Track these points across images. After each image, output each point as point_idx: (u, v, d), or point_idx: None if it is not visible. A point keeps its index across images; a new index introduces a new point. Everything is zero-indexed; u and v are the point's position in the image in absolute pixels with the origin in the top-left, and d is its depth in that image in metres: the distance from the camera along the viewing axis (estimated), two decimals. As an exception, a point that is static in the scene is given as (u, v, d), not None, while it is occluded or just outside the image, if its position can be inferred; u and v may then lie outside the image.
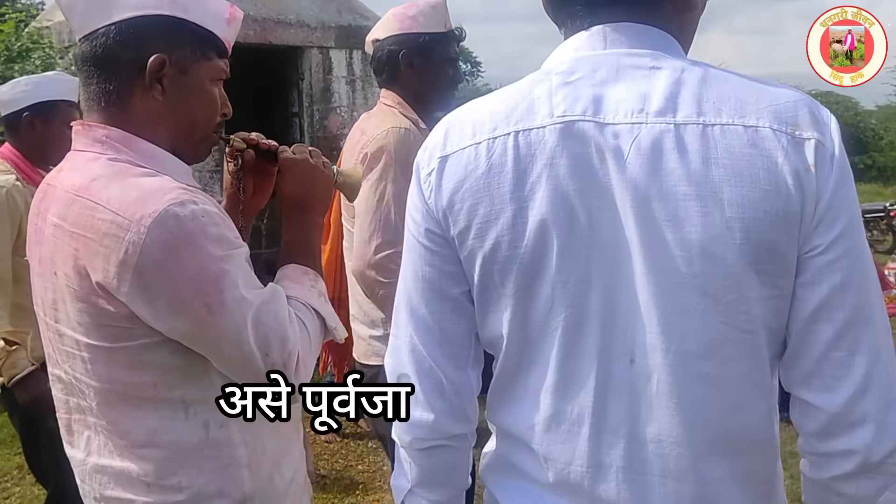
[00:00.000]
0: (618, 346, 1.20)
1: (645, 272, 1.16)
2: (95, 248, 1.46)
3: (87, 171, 1.55)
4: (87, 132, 1.62)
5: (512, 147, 1.22)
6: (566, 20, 1.29)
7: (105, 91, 1.60)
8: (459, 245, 1.27)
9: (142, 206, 1.46)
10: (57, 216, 1.54)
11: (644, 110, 1.17)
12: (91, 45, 1.59)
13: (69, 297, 1.53)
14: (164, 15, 1.59)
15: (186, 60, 1.63)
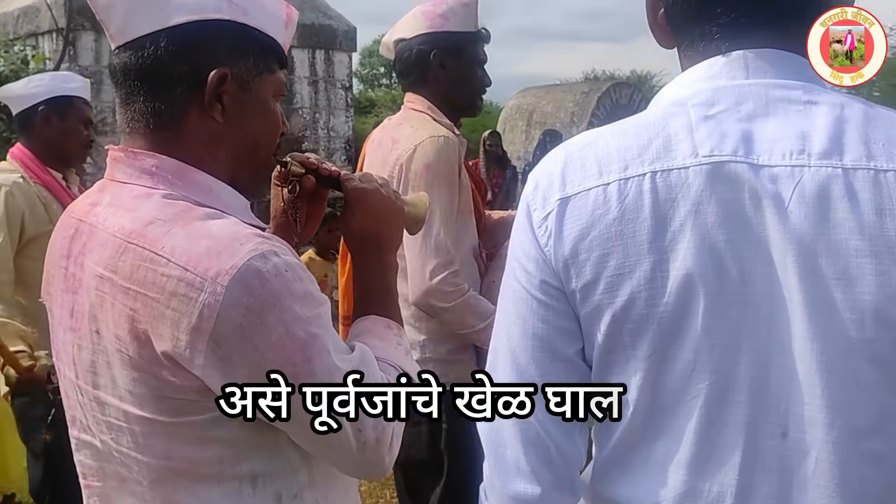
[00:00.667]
0: (769, 419, 1.07)
1: (808, 337, 1.04)
2: (160, 310, 1.24)
3: (139, 211, 1.32)
4: (130, 160, 1.38)
5: (649, 190, 1.09)
6: (696, 41, 1.19)
7: (153, 111, 1.37)
8: (581, 300, 1.13)
9: (216, 260, 1.24)
10: (103, 266, 1.31)
11: (805, 151, 1.06)
12: (135, 55, 1.35)
13: (119, 364, 1.31)
14: (224, 20, 1.37)
15: (249, 74, 1.41)
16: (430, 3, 2.88)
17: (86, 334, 1.36)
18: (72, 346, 1.40)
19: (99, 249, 1.33)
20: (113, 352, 1.31)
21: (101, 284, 1.31)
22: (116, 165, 1.41)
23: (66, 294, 1.41)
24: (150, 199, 1.34)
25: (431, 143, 2.68)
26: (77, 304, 1.38)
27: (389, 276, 1.61)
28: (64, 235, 1.44)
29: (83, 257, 1.37)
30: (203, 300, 1.23)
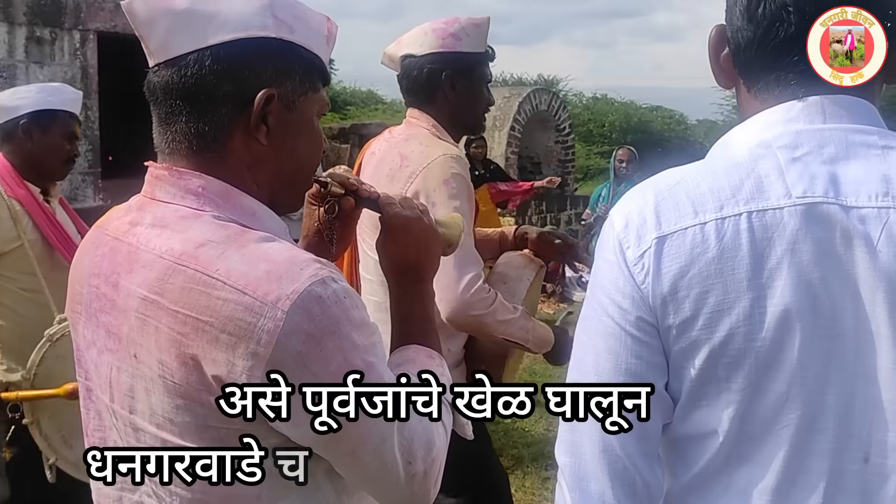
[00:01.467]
0: (852, 445, 1.14)
1: (894, 368, 1.11)
2: (214, 335, 1.20)
3: (189, 233, 1.28)
4: (175, 179, 1.33)
5: (746, 229, 1.14)
6: (771, 85, 1.25)
7: (197, 132, 1.33)
8: (677, 335, 1.17)
9: (276, 285, 1.21)
10: (147, 288, 1.26)
11: (889, 194, 1.13)
12: (178, 73, 1.31)
13: (161, 390, 1.26)
14: (270, 37, 1.33)
15: (294, 94, 1.37)
16: (442, 21, 2.86)
17: (124, 357, 1.31)
18: (109, 368, 1.35)
19: (142, 271, 1.28)
20: (154, 378, 1.26)
21: (145, 307, 1.26)
22: (158, 184, 1.36)
23: (101, 314, 1.35)
24: (199, 220, 1.30)
25: (446, 161, 2.68)
26: (112, 326, 1.33)
27: (428, 304, 1.59)
28: (96, 253, 1.38)
29: (118, 277, 1.32)
30: (262, 325, 1.19)
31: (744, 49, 1.25)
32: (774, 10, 1.20)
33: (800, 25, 1.19)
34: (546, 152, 16.02)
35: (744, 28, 1.24)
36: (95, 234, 1.42)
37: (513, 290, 2.88)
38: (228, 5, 1.32)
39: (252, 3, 1.33)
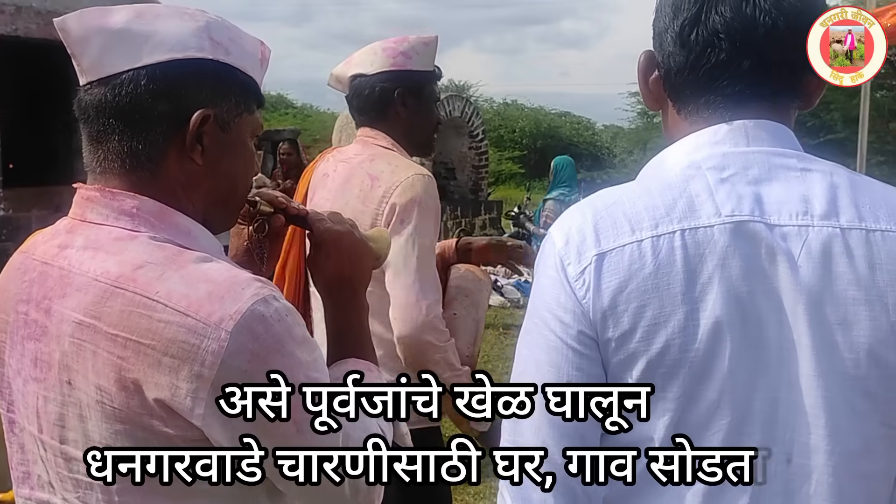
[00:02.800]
0: (776, 447, 1.20)
1: (814, 374, 1.18)
2: (156, 357, 1.18)
3: (125, 255, 1.25)
4: (108, 201, 1.30)
5: (680, 246, 1.19)
6: (701, 108, 1.31)
7: (130, 151, 1.31)
8: (616, 348, 1.21)
9: (219, 305, 1.19)
10: (82, 312, 1.23)
11: (808, 213, 1.20)
12: (112, 92, 1.29)
13: (98, 416, 1.23)
14: (206, 59, 1.32)
15: (230, 115, 1.37)
16: (391, 40, 2.87)
17: (54, 385, 1.27)
18: (35, 398, 1.30)
19: (76, 295, 1.24)
20: (91, 403, 1.23)
21: (80, 332, 1.23)
22: (89, 205, 1.32)
23: (28, 342, 1.30)
24: (135, 242, 1.27)
25: (418, 181, 2.68)
26: (41, 352, 1.28)
27: (363, 317, 1.59)
28: (24, 279, 1.33)
29: (50, 303, 1.27)
30: (206, 346, 1.18)
31: (675, 73, 1.31)
32: (706, 36, 1.26)
33: (730, 52, 1.25)
34: (460, 158, 16.11)
35: (676, 53, 1.30)
36: (21, 259, 1.38)
37: (476, 303, 2.89)
38: (165, 26, 1.31)
39: (188, 25, 1.33)
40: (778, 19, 1.23)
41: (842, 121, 18.11)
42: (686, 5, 1.28)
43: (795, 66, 1.28)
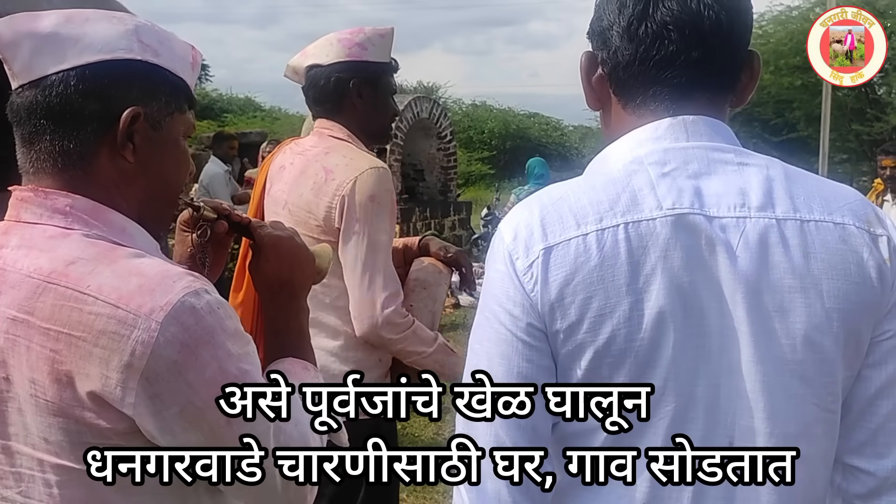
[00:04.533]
0: (719, 431, 1.24)
1: (753, 360, 1.23)
2: (87, 349, 1.21)
3: (57, 251, 1.28)
4: (41, 200, 1.33)
5: (623, 239, 1.23)
6: (647, 100, 1.35)
7: (62, 150, 1.33)
8: (564, 339, 1.24)
9: (150, 297, 1.22)
10: (16, 308, 1.26)
11: (745, 205, 1.25)
12: (42, 93, 1.32)
13: (33, 409, 1.25)
14: (136, 59, 1.36)
15: (160, 114, 1.40)
16: (347, 31, 2.86)
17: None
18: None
19: (10, 292, 1.27)
20: (26, 397, 1.26)
21: (14, 327, 1.26)
22: (23, 206, 1.35)
23: None
24: (68, 239, 1.30)
25: (373, 175, 2.68)
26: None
27: (303, 320, 1.64)
28: None
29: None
30: (136, 337, 1.21)
31: (623, 67, 1.34)
32: (656, 29, 1.30)
33: (679, 43, 1.29)
34: (429, 159, 16.09)
35: (624, 48, 1.33)
36: None
37: (434, 295, 2.92)
38: (93, 29, 1.34)
39: (117, 27, 1.36)
40: (721, 13, 1.28)
41: (804, 119, 18.32)
42: (631, 2, 1.32)
43: (735, 60, 1.33)
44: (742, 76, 1.35)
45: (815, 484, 1.29)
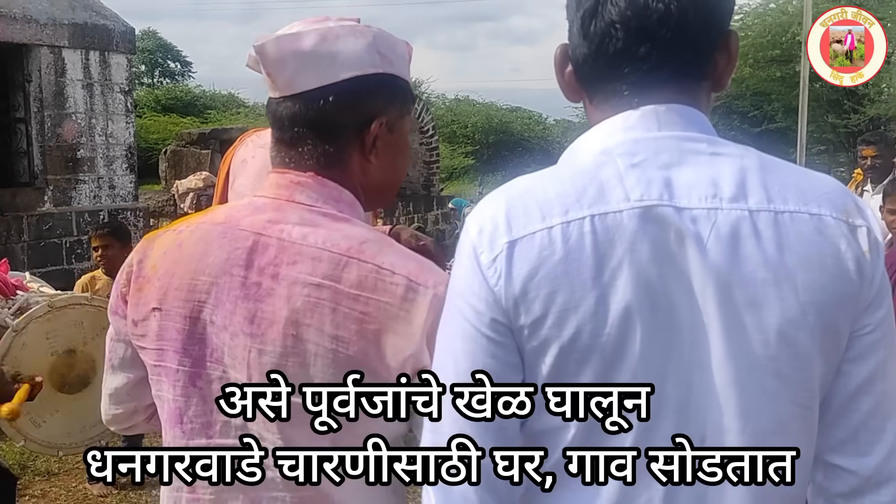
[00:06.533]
0: (689, 428, 1.21)
1: (725, 356, 1.19)
2: (395, 311, 1.40)
3: (346, 231, 1.47)
4: (319, 188, 1.52)
5: (589, 232, 1.19)
6: (609, 96, 1.32)
7: (322, 153, 1.53)
8: (529, 335, 1.21)
9: (431, 275, 1.44)
10: (320, 276, 1.42)
11: (717, 196, 1.21)
12: (304, 106, 1.50)
13: (329, 363, 1.40)
14: (379, 73, 1.53)
15: (395, 118, 1.58)
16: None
17: (274, 339, 1.42)
18: (247, 351, 1.44)
19: (309, 262, 1.43)
20: (321, 352, 1.40)
21: (318, 291, 1.41)
22: (300, 189, 1.52)
23: (245, 301, 1.45)
24: (349, 223, 1.50)
25: None
26: (261, 311, 1.43)
27: None
28: (236, 246, 1.49)
29: (277, 269, 1.44)
30: (430, 303, 1.40)
31: (581, 64, 1.33)
32: (604, 27, 1.28)
33: (626, 40, 1.27)
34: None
35: (580, 45, 1.32)
36: (227, 229, 1.52)
37: None
38: (345, 46, 1.52)
39: (361, 42, 1.53)
40: (671, 4, 1.25)
41: (782, 111, 18.45)
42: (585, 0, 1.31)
43: (696, 47, 1.28)
44: (717, 59, 1.31)
45: (794, 483, 1.24)
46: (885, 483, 1.26)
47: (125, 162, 11.11)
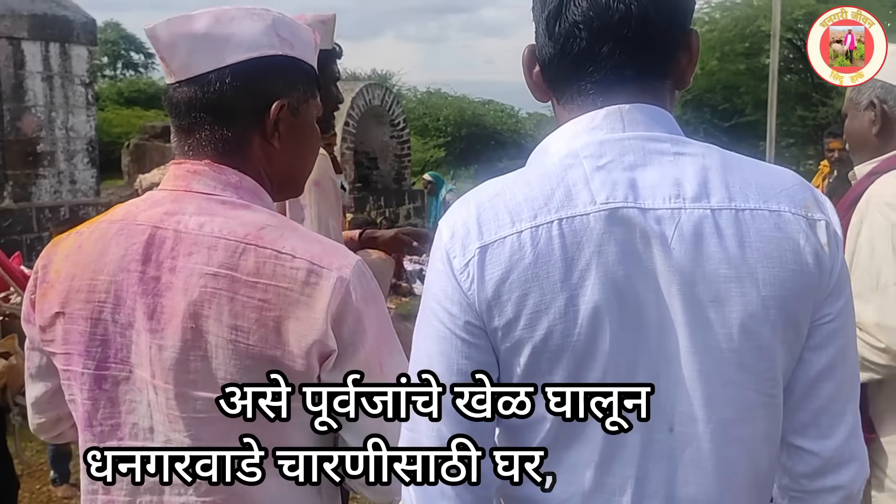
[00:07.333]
0: (658, 417, 1.26)
1: (690, 350, 1.24)
2: (296, 297, 1.40)
3: (244, 219, 1.46)
4: (216, 174, 1.51)
5: (557, 235, 1.23)
6: (574, 96, 1.35)
7: (221, 138, 1.51)
8: (503, 336, 1.26)
9: (335, 258, 1.44)
10: (217, 265, 1.41)
11: (680, 196, 1.25)
12: (201, 90, 1.48)
13: (229, 354, 1.39)
14: (277, 55, 1.52)
15: (299, 101, 1.57)
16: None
17: (173, 333, 1.41)
18: (148, 347, 1.43)
19: (205, 252, 1.42)
20: (220, 343, 1.39)
21: (214, 281, 1.40)
22: (196, 177, 1.51)
23: (144, 297, 1.44)
24: (249, 209, 1.49)
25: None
26: (161, 305, 1.42)
27: None
28: (133, 242, 1.47)
29: (175, 261, 1.43)
30: (334, 286, 1.40)
31: (548, 64, 1.36)
32: (568, 27, 1.31)
33: (589, 40, 1.30)
34: (382, 147, 16.03)
35: (546, 45, 1.35)
36: (124, 226, 1.49)
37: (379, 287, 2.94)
38: (240, 28, 1.50)
39: (258, 24, 1.52)
40: (632, 5, 1.27)
41: (752, 104, 18.52)
42: (549, 0, 1.33)
43: (658, 46, 1.31)
44: (679, 58, 1.34)
45: (757, 464, 1.32)
46: (845, 464, 1.33)
47: (86, 156, 10.99)
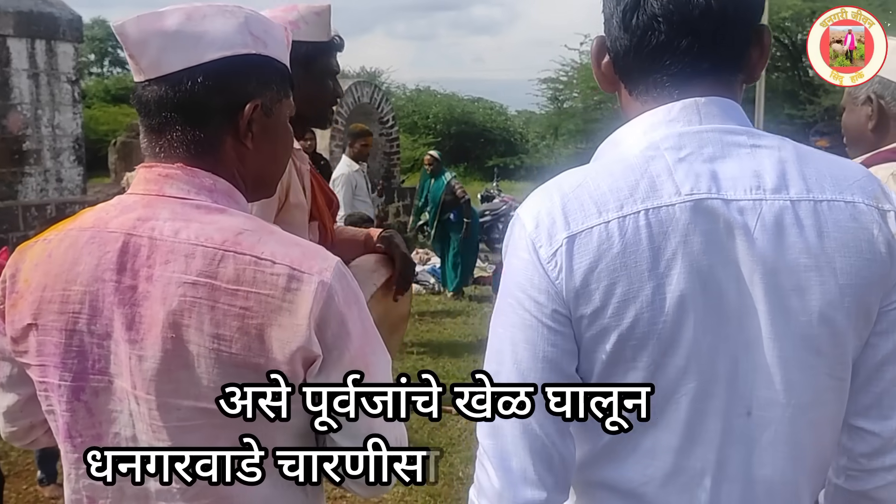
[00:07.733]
0: (738, 403, 1.30)
1: (771, 337, 1.28)
2: (277, 303, 1.36)
3: (221, 224, 1.41)
4: (189, 178, 1.45)
5: (644, 225, 1.26)
6: (649, 88, 1.38)
7: (193, 139, 1.46)
8: (588, 324, 1.28)
9: (315, 261, 1.40)
10: (195, 273, 1.37)
11: (761, 187, 1.29)
12: (172, 89, 1.43)
13: (211, 363, 1.36)
14: (250, 54, 1.48)
15: (272, 101, 1.53)
16: (280, 9, 2.71)
17: (153, 343, 1.37)
18: (128, 357, 1.40)
19: (182, 260, 1.37)
20: (202, 353, 1.36)
21: (194, 290, 1.36)
22: (169, 181, 1.45)
23: (122, 307, 1.40)
24: (225, 214, 1.44)
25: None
26: (139, 315, 1.38)
27: None
28: (106, 250, 1.42)
29: (151, 270, 1.39)
30: (316, 291, 1.36)
31: (622, 56, 1.39)
32: (646, 20, 1.34)
33: (668, 33, 1.33)
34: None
35: (621, 38, 1.37)
36: (95, 234, 1.44)
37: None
38: (213, 26, 1.45)
39: (231, 22, 1.47)
40: (710, 1, 1.30)
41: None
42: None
43: (734, 41, 1.35)
44: (751, 53, 1.38)
45: (823, 445, 1.37)
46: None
47: (73, 154, 10.95)
